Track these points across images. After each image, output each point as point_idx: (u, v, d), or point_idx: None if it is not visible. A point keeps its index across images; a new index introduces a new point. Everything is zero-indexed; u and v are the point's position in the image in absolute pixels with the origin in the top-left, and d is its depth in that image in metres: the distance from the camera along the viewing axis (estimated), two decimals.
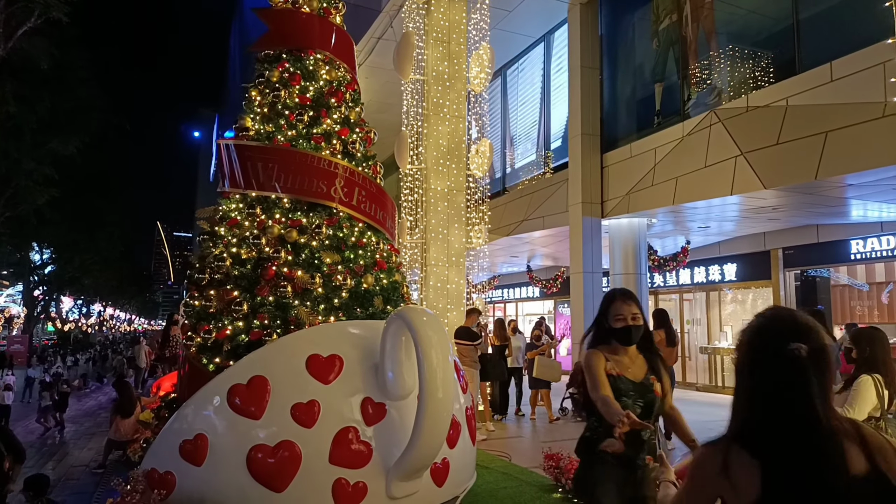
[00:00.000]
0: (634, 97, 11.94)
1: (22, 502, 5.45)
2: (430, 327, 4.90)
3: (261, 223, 5.74)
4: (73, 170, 30.50)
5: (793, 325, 1.47)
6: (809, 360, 1.38)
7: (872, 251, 12.04)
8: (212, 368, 5.37)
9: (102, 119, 30.76)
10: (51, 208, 29.56)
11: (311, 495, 4.78)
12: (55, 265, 43.03)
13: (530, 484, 6.00)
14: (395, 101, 12.08)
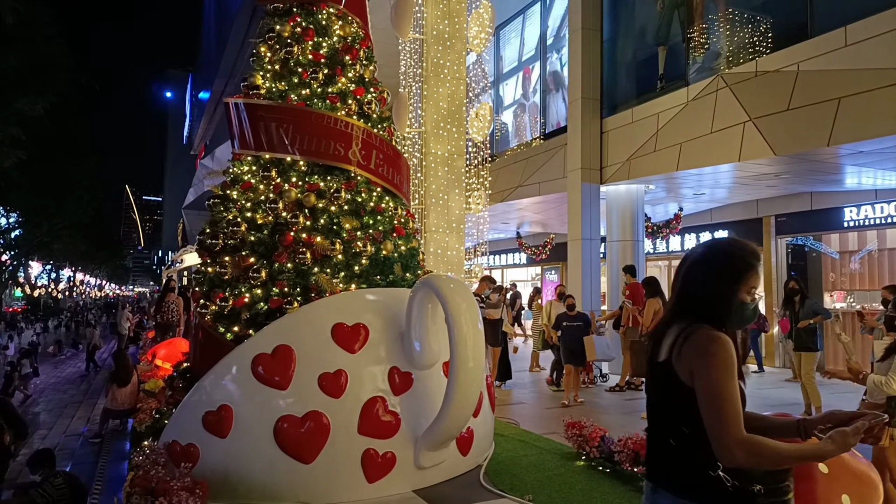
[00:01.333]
0: (636, 61, 11.74)
1: (34, 481, 5.26)
2: (459, 295, 4.78)
3: (277, 187, 5.50)
4: (40, 131, 29.55)
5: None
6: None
7: (866, 219, 12.14)
8: (229, 337, 5.19)
9: (69, 78, 29.73)
10: (18, 171, 28.66)
11: (339, 466, 4.68)
12: (22, 230, 41.97)
13: (550, 451, 5.97)
14: (391, 61, 11.73)
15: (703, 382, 1.78)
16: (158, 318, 11.87)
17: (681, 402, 1.84)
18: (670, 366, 1.88)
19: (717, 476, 1.77)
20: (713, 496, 1.78)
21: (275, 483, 4.57)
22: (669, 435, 1.89)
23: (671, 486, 1.88)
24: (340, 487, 4.69)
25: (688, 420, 1.82)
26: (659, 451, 1.95)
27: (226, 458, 4.61)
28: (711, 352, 1.79)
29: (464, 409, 4.75)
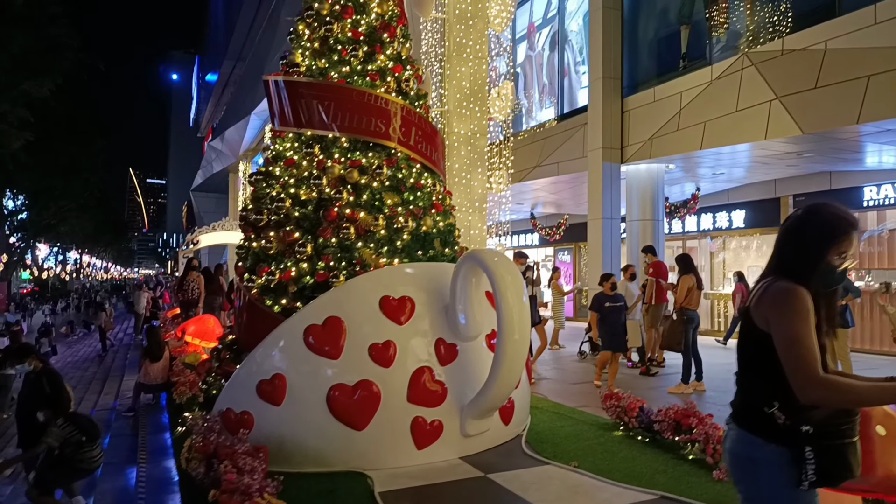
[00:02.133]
0: (658, 40, 11.72)
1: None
2: (505, 268, 4.88)
3: (320, 163, 5.59)
4: (46, 113, 29.67)
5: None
6: None
7: (886, 198, 12.17)
8: (277, 310, 5.31)
9: (75, 59, 29.74)
10: (25, 153, 28.82)
11: (390, 433, 4.81)
12: (30, 212, 42.23)
13: (586, 423, 6.10)
14: (412, 41, 11.73)
15: (778, 329, 1.93)
16: (181, 297, 12.02)
17: (752, 345, 2.04)
18: (749, 313, 2.06)
19: (772, 413, 1.93)
20: (766, 430, 1.95)
21: (328, 449, 4.71)
22: (741, 374, 2.10)
23: (737, 419, 2.07)
24: (391, 454, 4.83)
25: (755, 361, 2.03)
26: (738, 388, 2.14)
27: (280, 425, 4.75)
28: (785, 301, 1.94)
29: (509, 379, 4.87)
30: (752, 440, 1.98)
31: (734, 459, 2.04)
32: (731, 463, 2.06)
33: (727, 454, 2.08)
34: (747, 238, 15.64)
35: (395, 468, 4.77)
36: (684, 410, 5.12)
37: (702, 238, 16.55)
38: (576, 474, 4.65)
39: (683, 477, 4.50)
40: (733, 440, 2.05)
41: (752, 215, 14.92)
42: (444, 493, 4.35)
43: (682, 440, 4.96)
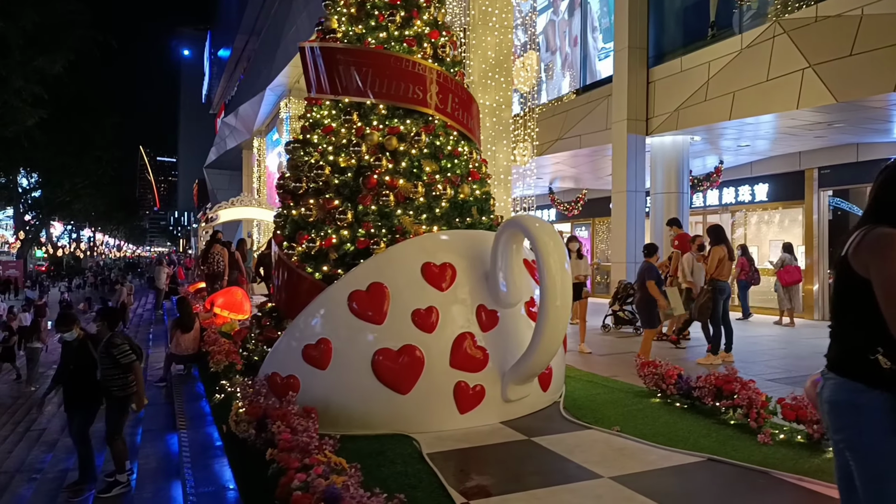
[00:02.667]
0: (685, 9, 11.53)
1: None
2: (547, 233, 4.88)
3: (359, 130, 5.58)
4: (59, 90, 29.76)
5: None
6: None
7: None
8: (318, 276, 5.34)
9: (86, 35, 29.72)
10: (39, 130, 28.97)
11: (433, 398, 4.86)
12: (42, 190, 42.61)
13: (621, 391, 6.14)
14: None
15: (878, 275, 1.92)
16: (205, 269, 12.11)
17: (850, 292, 2.04)
18: (847, 260, 2.05)
19: (875, 359, 1.93)
20: (870, 376, 1.95)
21: (373, 413, 4.77)
22: (839, 322, 2.11)
23: (837, 368, 2.07)
24: (435, 417, 4.89)
25: (854, 308, 2.02)
26: (833, 338, 2.14)
27: (325, 388, 4.81)
28: (886, 246, 1.93)
29: (551, 345, 4.90)
30: (855, 386, 1.97)
31: (835, 408, 2.03)
32: (830, 412, 2.05)
33: (825, 405, 2.07)
34: (769, 212, 15.51)
35: (439, 431, 4.82)
36: (725, 376, 5.14)
37: (723, 212, 16.44)
38: (619, 438, 4.69)
39: (727, 441, 4.53)
40: (833, 389, 2.04)
41: (775, 188, 14.78)
42: (490, 454, 4.40)
43: (723, 405, 4.98)
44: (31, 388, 13.38)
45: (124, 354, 5.42)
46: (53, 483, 6.56)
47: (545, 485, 3.77)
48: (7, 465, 8.15)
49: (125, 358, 5.41)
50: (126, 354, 5.42)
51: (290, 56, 21.53)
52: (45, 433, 9.29)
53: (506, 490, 3.69)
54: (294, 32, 20.36)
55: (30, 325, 14.99)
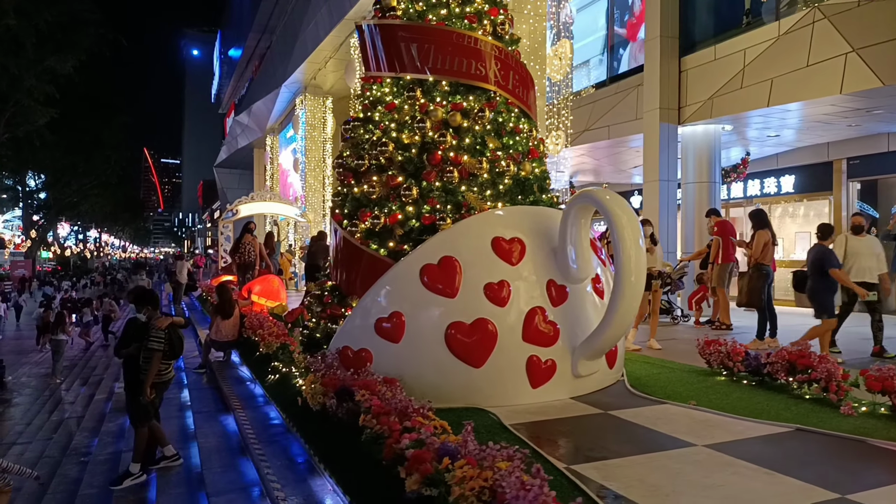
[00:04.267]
0: None
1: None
2: (620, 207, 4.85)
3: (423, 106, 5.55)
4: (69, 89, 29.87)
5: None
6: None
7: None
8: (383, 253, 5.31)
9: (96, 34, 29.81)
10: (49, 130, 29.07)
11: (506, 371, 4.83)
12: (49, 190, 42.74)
13: (682, 370, 6.09)
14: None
15: None
16: (237, 259, 12.10)
17: None
18: None
19: None
20: None
21: (446, 386, 4.73)
22: None
23: None
24: (508, 391, 4.85)
25: None
26: None
27: (399, 362, 4.78)
28: None
29: (624, 321, 4.86)
30: None
31: None
32: None
33: None
34: (793, 205, 15.44)
35: (512, 405, 4.79)
36: (799, 351, 5.09)
37: (747, 205, 16.37)
38: (698, 411, 4.65)
39: (810, 413, 4.48)
40: None
41: (802, 180, 14.72)
42: (572, 425, 4.36)
43: (799, 380, 4.93)
44: (56, 381, 13.37)
45: (155, 339, 5.28)
46: (105, 465, 6.53)
47: (639, 452, 3.73)
48: (50, 451, 8.13)
49: (152, 342, 5.27)
50: (157, 340, 5.25)
51: (308, 52, 21.53)
52: (83, 420, 9.28)
53: (602, 456, 3.65)
54: (313, 28, 20.35)
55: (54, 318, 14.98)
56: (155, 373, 5.32)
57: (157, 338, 5.30)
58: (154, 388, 5.44)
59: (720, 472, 3.40)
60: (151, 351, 5.28)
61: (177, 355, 5.67)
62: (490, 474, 2.58)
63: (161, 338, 5.32)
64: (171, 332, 5.44)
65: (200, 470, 5.19)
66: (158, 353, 5.31)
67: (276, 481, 4.16)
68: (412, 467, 2.83)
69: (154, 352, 5.28)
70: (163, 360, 5.42)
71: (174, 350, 5.53)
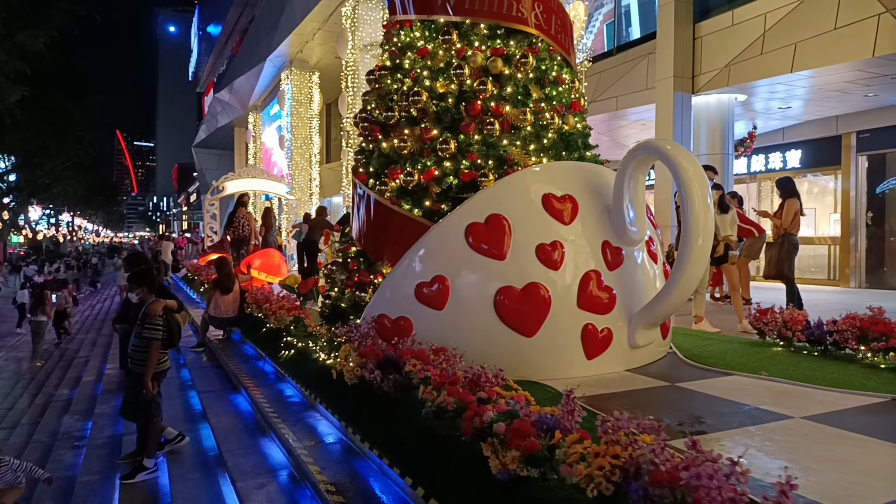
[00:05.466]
0: None
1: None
2: (686, 158, 4.40)
3: (460, 51, 5.02)
4: (40, 67, 28.75)
5: None
6: None
7: None
8: (417, 213, 4.81)
9: (68, 11, 28.65)
10: (20, 108, 27.94)
11: (560, 341, 4.38)
12: (20, 172, 41.35)
13: (734, 342, 5.70)
14: None
15: None
16: (231, 234, 11.48)
17: None
18: None
19: None
20: None
21: (496, 357, 4.22)
22: None
23: None
24: (562, 363, 4.41)
25: None
26: None
27: (442, 330, 4.29)
28: None
29: (689, 286, 4.43)
30: None
31: None
32: None
33: None
34: (799, 179, 15.17)
35: (567, 378, 4.33)
36: (871, 317, 4.71)
37: (751, 181, 16.10)
38: (774, 382, 4.24)
39: (893, 382, 4.10)
40: None
41: (809, 155, 14.44)
42: (643, 399, 3.93)
43: (875, 348, 4.55)
44: (37, 364, 12.70)
45: (152, 326, 4.70)
46: (104, 449, 5.98)
47: (736, 426, 3.31)
48: (39, 435, 7.55)
49: (149, 331, 4.67)
50: (154, 327, 4.64)
51: (295, 24, 20.73)
52: (73, 402, 8.66)
53: (699, 431, 3.22)
54: None
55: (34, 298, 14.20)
56: (155, 364, 4.75)
57: (153, 325, 4.70)
58: (153, 378, 4.88)
59: (838, 446, 2.99)
60: (149, 340, 4.68)
61: (175, 343, 5.08)
62: (619, 450, 2.12)
63: (159, 325, 4.72)
64: (167, 317, 4.86)
65: (217, 452, 4.69)
66: (157, 343, 4.72)
67: (313, 463, 3.68)
68: (513, 442, 2.36)
69: (152, 341, 4.69)
70: (161, 349, 4.86)
71: (172, 338, 4.95)
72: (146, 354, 4.70)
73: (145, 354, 4.71)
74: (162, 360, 4.88)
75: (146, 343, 4.69)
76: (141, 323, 4.76)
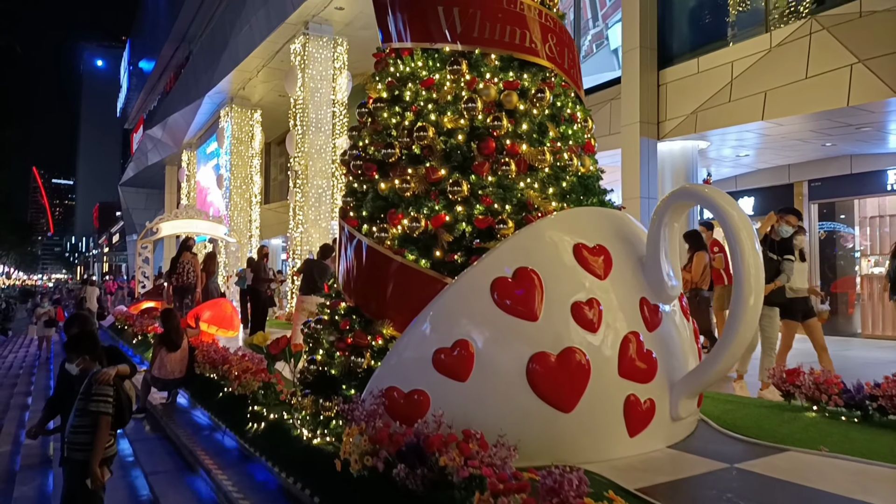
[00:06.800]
0: (700, 6, 11.13)
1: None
2: (731, 204, 3.96)
3: (470, 83, 4.46)
4: None
5: None
6: None
7: None
8: (424, 264, 4.15)
9: None
10: None
11: (601, 415, 3.77)
12: None
13: (758, 406, 5.22)
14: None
15: None
16: (174, 281, 10.41)
17: None
18: None
19: None
20: None
21: (529, 438, 3.56)
22: None
23: None
24: (602, 442, 3.79)
25: None
26: None
27: (466, 405, 3.60)
28: None
29: (741, 349, 3.93)
30: None
31: None
32: None
33: None
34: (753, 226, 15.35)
35: (609, 460, 3.72)
36: None
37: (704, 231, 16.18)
38: (842, 460, 3.74)
39: None
40: None
41: (762, 202, 14.65)
42: (715, 487, 3.32)
43: None
44: None
45: (100, 398, 3.77)
46: None
47: None
48: None
49: (97, 404, 3.75)
50: (103, 399, 3.78)
51: (239, 60, 19.93)
52: None
53: None
54: (247, 32, 18.84)
55: None
56: (104, 446, 3.85)
57: (102, 396, 3.82)
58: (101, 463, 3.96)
59: None
60: (97, 416, 3.80)
61: (125, 422, 4.19)
62: None
63: (109, 397, 3.85)
64: (117, 389, 3.98)
65: None
66: (107, 418, 3.83)
67: None
68: None
69: (101, 416, 3.80)
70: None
71: (122, 415, 4.06)
72: (91, 437, 3.80)
73: (90, 437, 3.80)
74: (109, 445, 3.97)
75: (92, 420, 3.79)
76: (85, 397, 3.86)
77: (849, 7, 8.69)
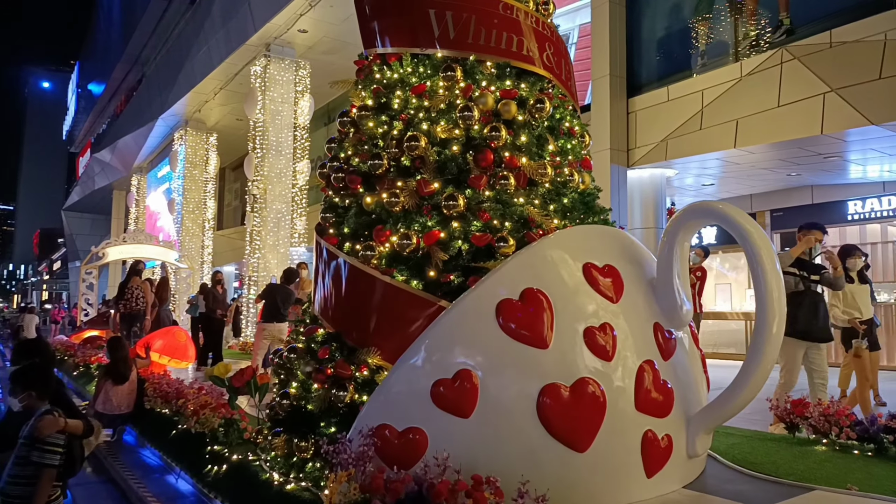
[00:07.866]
0: (669, 35, 11.18)
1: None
2: (749, 222, 3.68)
3: (466, 91, 4.12)
4: None
5: None
6: None
7: (872, 212, 12.30)
8: (416, 285, 3.73)
9: None
10: None
11: (618, 454, 3.39)
12: None
13: (765, 439, 4.92)
14: (355, 39, 10.44)
15: None
16: (122, 308, 9.66)
17: None
18: None
19: None
20: None
21: (540, 479, 3.12)
22: None
23: None
24: (619, 483, 3.40)
25: None
26: None
27: (469, 444, 3.17)
28: None
29: (763, 380, 3.61)
30: None
31: None
32: None
33: None
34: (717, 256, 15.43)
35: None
36: None
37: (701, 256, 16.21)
38: (873, 500, 3.44)
39: None
40: None
41: (724, 231, 14.69)
42: None
43: None
44: None
45: (45, 449, 3.29)
46: None
47: None
48: None
49: (41, 455, 3.27)
50: (50, 450, 3.30)
51: (195, 82, 19.32)
52: None
53: None
54: (205, 54, 18.27)
55: None
56: (45, 500, 3.29)
57: (51, 447, 3.28)
58: None
59: None
60: (39, 468, 3.27)
61: (75, 471, 3.63)
62: None
63: (59, 447, 3.31)
64: (70, 438, 3.44)
65: None
66: (51, 472, 3.28)
67: None
68: None
69: (44, 468, 3.26)
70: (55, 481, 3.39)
71: (73, 465, 3.52)
72: (31, 489, 3.23)
73: (29, 489, 3.23)
74: (54, 497, 3.39)
75: (34, 472, 3.23)
76: (29, 443, 3.29)
77: (819, 38, 8.78)
